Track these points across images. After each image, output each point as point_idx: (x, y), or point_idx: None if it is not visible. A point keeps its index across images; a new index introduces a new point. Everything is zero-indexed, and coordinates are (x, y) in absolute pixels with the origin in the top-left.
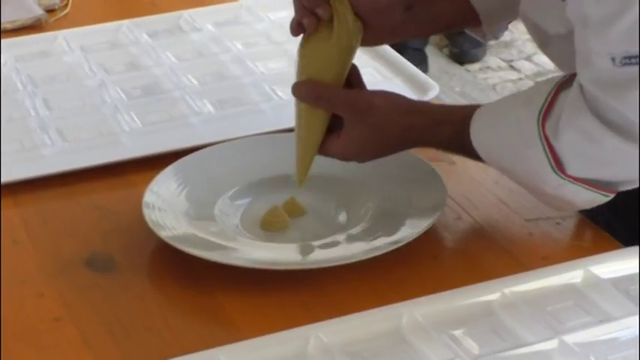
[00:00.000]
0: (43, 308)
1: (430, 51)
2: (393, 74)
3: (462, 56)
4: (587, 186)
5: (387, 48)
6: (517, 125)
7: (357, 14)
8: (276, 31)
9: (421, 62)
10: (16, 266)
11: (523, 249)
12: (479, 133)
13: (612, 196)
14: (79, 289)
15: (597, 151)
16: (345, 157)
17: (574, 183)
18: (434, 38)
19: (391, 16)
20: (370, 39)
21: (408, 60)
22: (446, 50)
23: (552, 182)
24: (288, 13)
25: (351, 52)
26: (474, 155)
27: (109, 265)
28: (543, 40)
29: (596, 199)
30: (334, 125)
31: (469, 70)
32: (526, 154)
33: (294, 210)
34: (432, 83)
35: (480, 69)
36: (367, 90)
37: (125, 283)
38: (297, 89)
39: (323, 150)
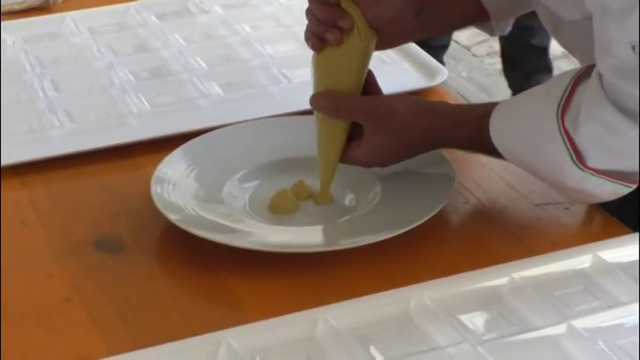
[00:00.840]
0: (52, 289)
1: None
2: (401, 58)
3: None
4: (609, 178)
5: None
6: (536, 120)
7: (367, 23)
8: (285, 14)
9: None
10: (25, 247)
11: (532, 234)
12: (498, 131)
13: (635, 186)
14: (88, 270)
15: (618, 142)
16: (367, 164)
17: (596, 175)
18: None
19: (401, 23)
20: (383, 44)
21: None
22: None
23: (574, 176)
24: None
25: (366, 58)
26: (495, 153)
27: (117, 247)
28: (556, 25)
29: (619, 190)
30: (355, 133)
31: (476, 55)
32: (547, 148)
33: (302, 193)
34: (441, 68)
35: (487, 54)
36: (385, 95)
37: (134, 265)
38: (316, 101)
39: (345, 158)
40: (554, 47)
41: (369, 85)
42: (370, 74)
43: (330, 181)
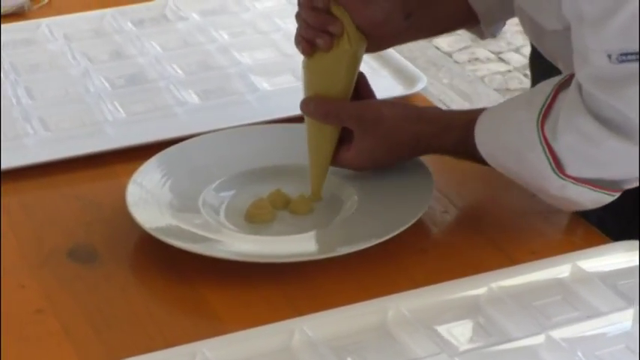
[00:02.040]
0: (24, 300)
1: (417, 43)
2: (380, 66)
3: None
4: (589, 186)
5: None
6: (518, 127)
7: (357, 27)
8: (263, 21)
9: None
10: None
11: (512, 243)
12: (483, 137)
13: (618, 194)
14: (61, 280)
15: (596, 152)
16: (357, 167)
17: (576, 184)
18: None
19: (391, 26)
20: (373, 47)
21: None
22: None
23: (555, 183)
24: (274, 3)
25: (356, 63)
26: (480, 159)
27: (91, 257)
28: (538, 34)
29: (602, 198)
30: (345, 136)
31: (458, 62)
32: (528, 156)
33: (279, 202)
34: (420, 75)
35: (469, 61)
36: (375, 100)
37: (108, 275)
38: (306, 106)
39: (335, 161)
40: None
41: (362, 88)
42: (362, 77)
43: (322, 184)
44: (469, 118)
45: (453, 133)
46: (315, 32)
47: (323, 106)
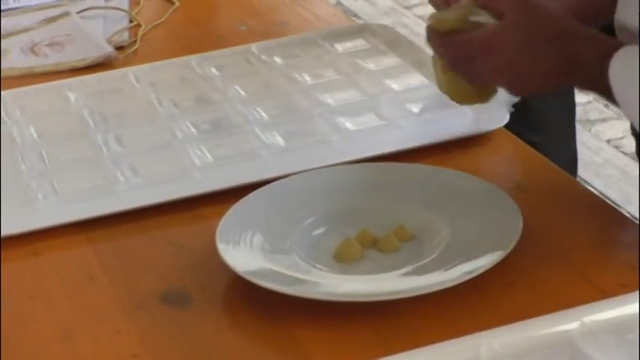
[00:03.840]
0: (120, 345)
1: None
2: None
3: None
4: None
5: None
6: None
7: None
8: (344, 62)
9: None
10: (92, 303)
11: (601, 275)
12: (618, 71)
13: None
14: (155, 324)
15: None
16: (500, 47)
17: None
18: None
19: None
20: None
21: None
22: None
23: None
24: (354, 44)
25: None
26: (609, 95)
27: (184, 300)
28: None
29: None
30: None
31: None
32: None
33: (366, 241)
34: (504, 111)
35: None
36: None
37: (201, 318)
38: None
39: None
40: None
41: None
42: None
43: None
44: (612, 46)
45: (597, 46)
46: None
47: None
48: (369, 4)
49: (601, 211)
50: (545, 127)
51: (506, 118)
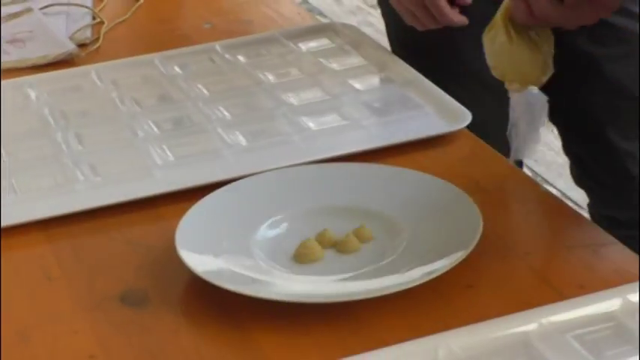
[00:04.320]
0: (77, 345)
1: None
2: (425, 102)
3: None
4: None
5: (419, 76)
6: None
7: None
8: (307, 62)
9: None
10: (50, 303)
11: (560, 277)
12: None
13: None
14: (113, 325)
15: None
16: None
17: None
18: None
19: None
20: None
21: None
22: None
23: None
24: (318, 43)
25: None
26: None
27: (142, 301)
28: None
29: None
30: None
31: None
32: None
33: (326, 242)
34: (464, 111)
35: None
36: None
37: (159, 319)
38: None
39: None
40: None
41: None
42: None
43: None
44: None
45: None
46: None
47: None
48: (335, 3)
49: (560, 213)
50: None
51: (469, 119)
